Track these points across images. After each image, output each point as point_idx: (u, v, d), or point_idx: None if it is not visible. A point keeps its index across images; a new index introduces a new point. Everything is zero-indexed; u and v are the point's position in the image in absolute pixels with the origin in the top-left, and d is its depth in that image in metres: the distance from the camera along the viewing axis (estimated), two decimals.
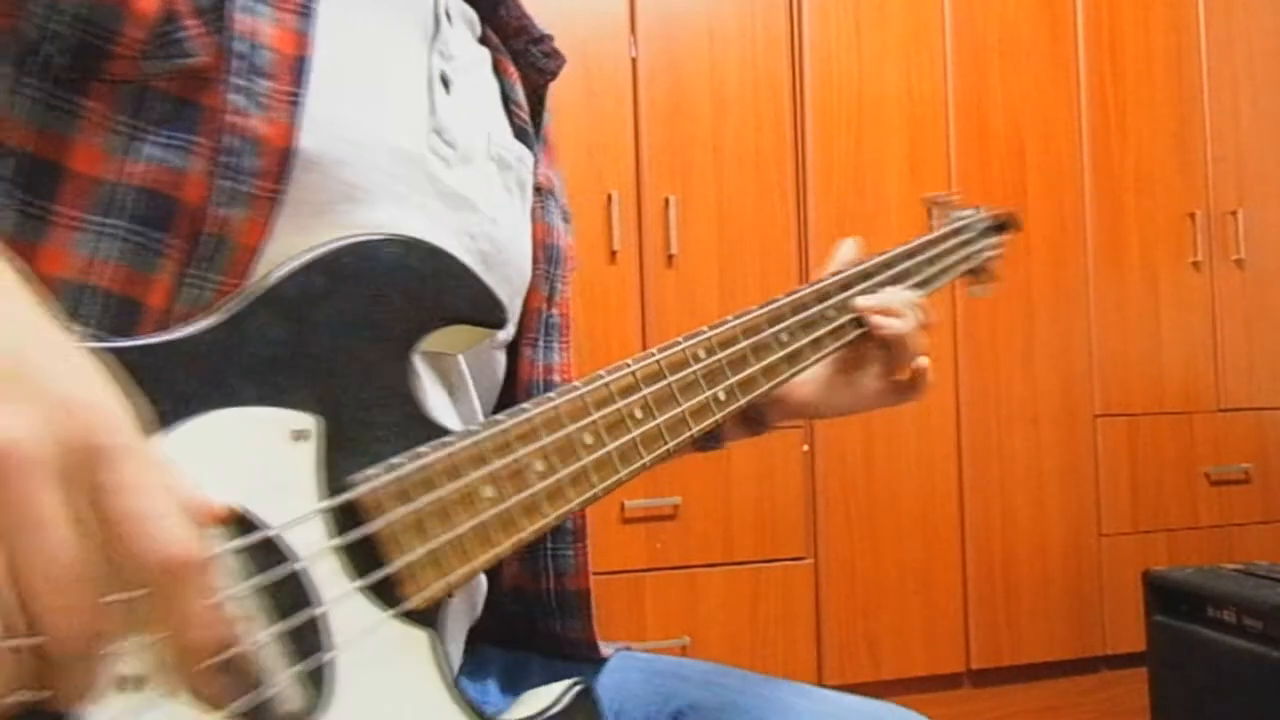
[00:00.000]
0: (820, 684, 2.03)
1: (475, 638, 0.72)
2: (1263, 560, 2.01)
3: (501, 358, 0.68)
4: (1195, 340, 2.46)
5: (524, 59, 0.74)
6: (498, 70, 0.72)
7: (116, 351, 0.40)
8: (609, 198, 2.00)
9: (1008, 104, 2.32)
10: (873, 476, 2.16)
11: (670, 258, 2.04)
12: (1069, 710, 2.29)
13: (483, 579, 0.67)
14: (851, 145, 2.19)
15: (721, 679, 0.69)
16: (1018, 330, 2.30)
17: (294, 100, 0.50)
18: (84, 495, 0.32)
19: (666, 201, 2.04)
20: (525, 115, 0.73)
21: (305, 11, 0.52)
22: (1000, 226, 1.00)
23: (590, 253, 2.00)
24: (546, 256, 0.71)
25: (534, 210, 0.72)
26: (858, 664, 2.11)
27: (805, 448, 2.11)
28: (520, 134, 0.71)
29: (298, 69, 0.50)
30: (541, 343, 0.70)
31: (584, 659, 0.71)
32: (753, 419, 0.79)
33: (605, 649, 0.72)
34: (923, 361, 0.75)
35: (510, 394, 0.68)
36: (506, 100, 0.72)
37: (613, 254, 2.00)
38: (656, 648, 1.49)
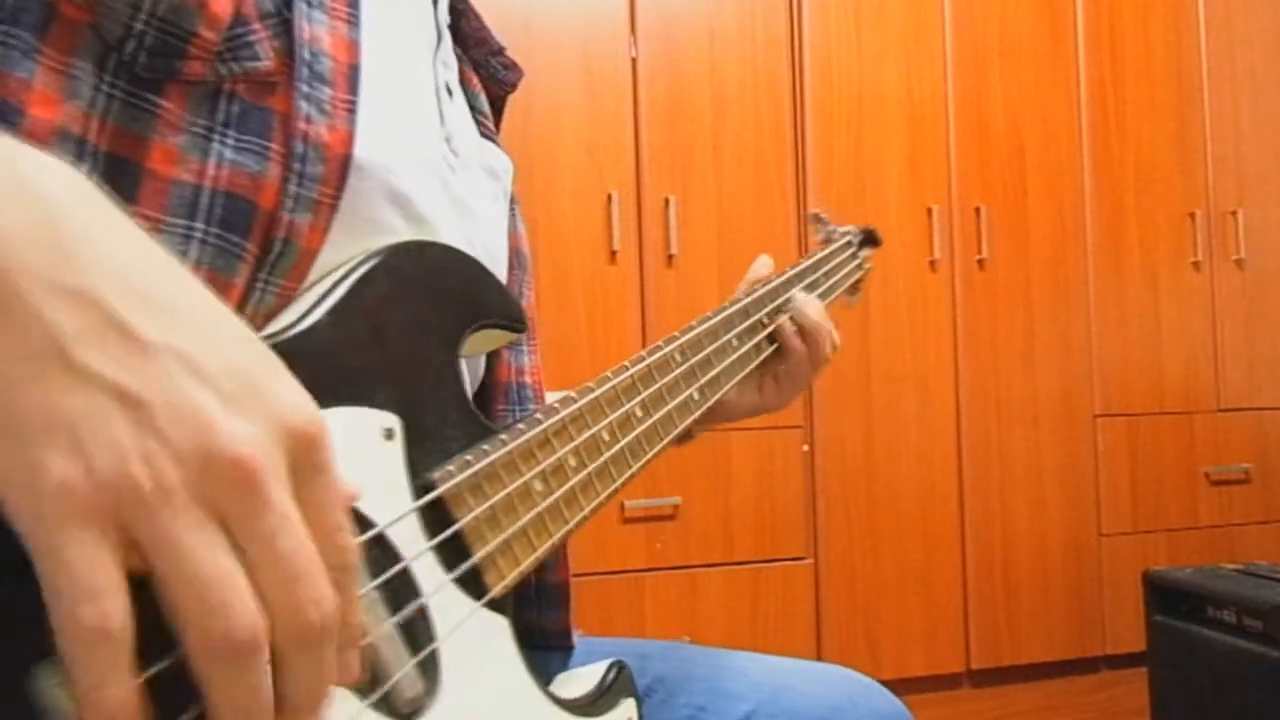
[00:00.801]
0: None
1: None
2: (1263, 560, 2.01)
3: (482, 362, 0.70)
4: (1195, 340, 2.46)
5: (485, 70, 0.76)
6: (462, 81, 0.74)
7: None
8: (609, 198, 2.00)
9: (1008, 104, 2.32)
10: (873, 476, 2.16)
11: (670, 258, 2.04)
12: (1069, 710, 2.29)
13: None
14: (851, 145, 2.19)
15: (678, 653, 0.74)
16: (1018, 330, 2.30)
17: (351, 108, 0.51)
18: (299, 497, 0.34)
19: (666, 201, 2.04)
20: (491, 125, 0.75)
21: (354, 20, 0.53)
22: (864, 243, 1.09)
23: (590, 253, 2.00)
24: (518, 263, 0.73)
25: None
26: (858, 664, 2.10)
27: (805, 448, 2.11)
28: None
29: (352, 77, 0.52)
30: (513, 346, 0.72)
31: (556, 647, 0.73)
32: (681, 436, 0.90)
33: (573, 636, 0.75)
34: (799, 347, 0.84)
35: (486, 396, 0.70)
36: (472, 109, 0.74)
37: (613, 254, 2.00)
38: None
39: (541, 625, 0.72)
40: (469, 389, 0.65)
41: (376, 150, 0.53)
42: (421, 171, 0.57)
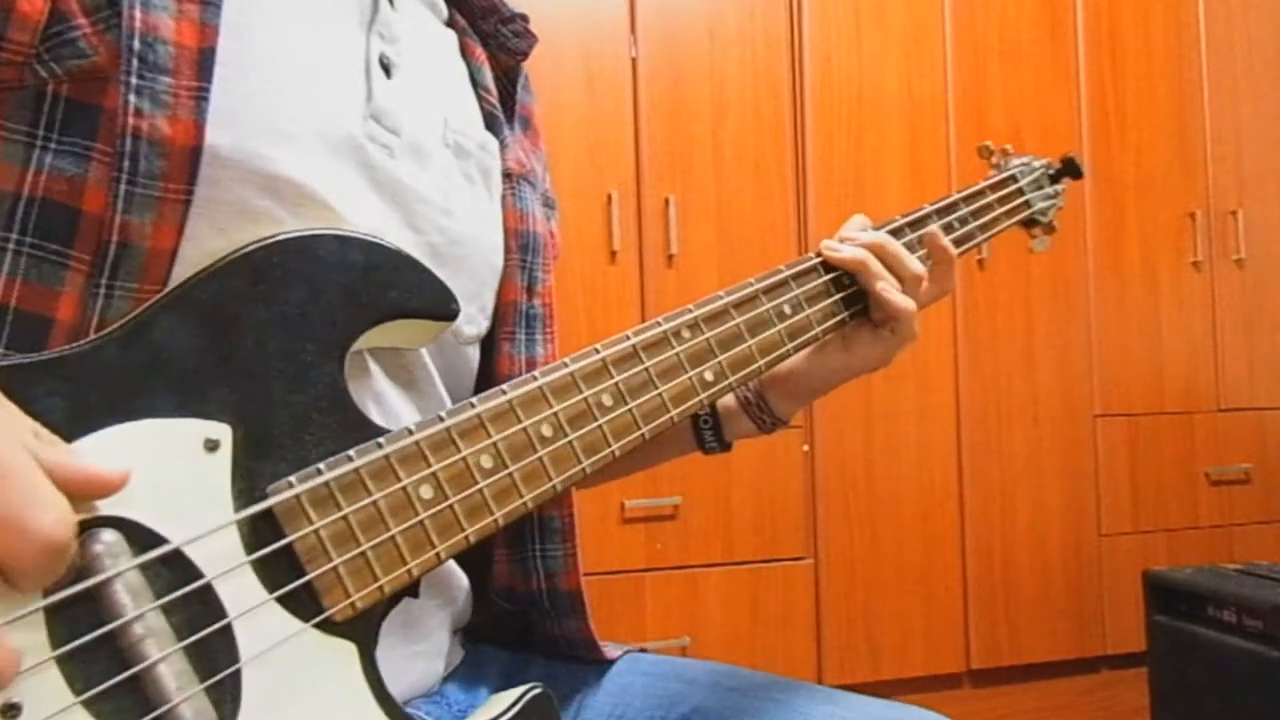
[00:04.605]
0: (820, 684, 2.03)
1: (476, 637, 0.71)
2: (1263, 560, 2.01)
3: (473, 353, 0.66)
4: (1195, 340, 2.46)
5: (494, 40, 0.72)
6: (465, 54, 0.70)
7: (9, 369, 0.40)
8: (609, 198, 2.00)
9: (1008, 104, 2.32)
10: (873, 476, 2.16)
11: (670, 258, 2.04)
12: (1069, 710, 2.29)
13: (458, 576, 0.66)
14: (851, 145, 2.19)
15: (730, 681, 0.66)
16: (1018, 330, 2.30)
17: (199, 95, 0.47)
18: None
19: (666, 201, 2.04)
20: (494, 99, 0.70)
21: (209, 0, 0.49)
22: (1056, 176, 0.93)
23: (590, 253, 2.00)
24: (521, 245, 0.67)
25: (505, 197, 0.68)
26: (858, 664, 2.11)
27: (805, 448, 2.11)
28: (489, 118, 0.69)
29: (202, 62, 0.48)
30: (522, 336, 0.67)
31: (587, 660, 0.69)
32: (757, 410, 0.76)
33: (612, 650, 0.70)
34: (893, 297, 0.70)
35: (485, 390, 0.67)
36: (474, 84, 0.70)
37: (613, 254, 2.00)
38: (656, 648, 1.49)
39: (564, 635, 0.69)
40: (438, 386, 0.61)
41: (248, 137, 0.49)
42: (325, 155, 0.53)
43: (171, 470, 0.43)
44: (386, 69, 0.59)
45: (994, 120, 2.31)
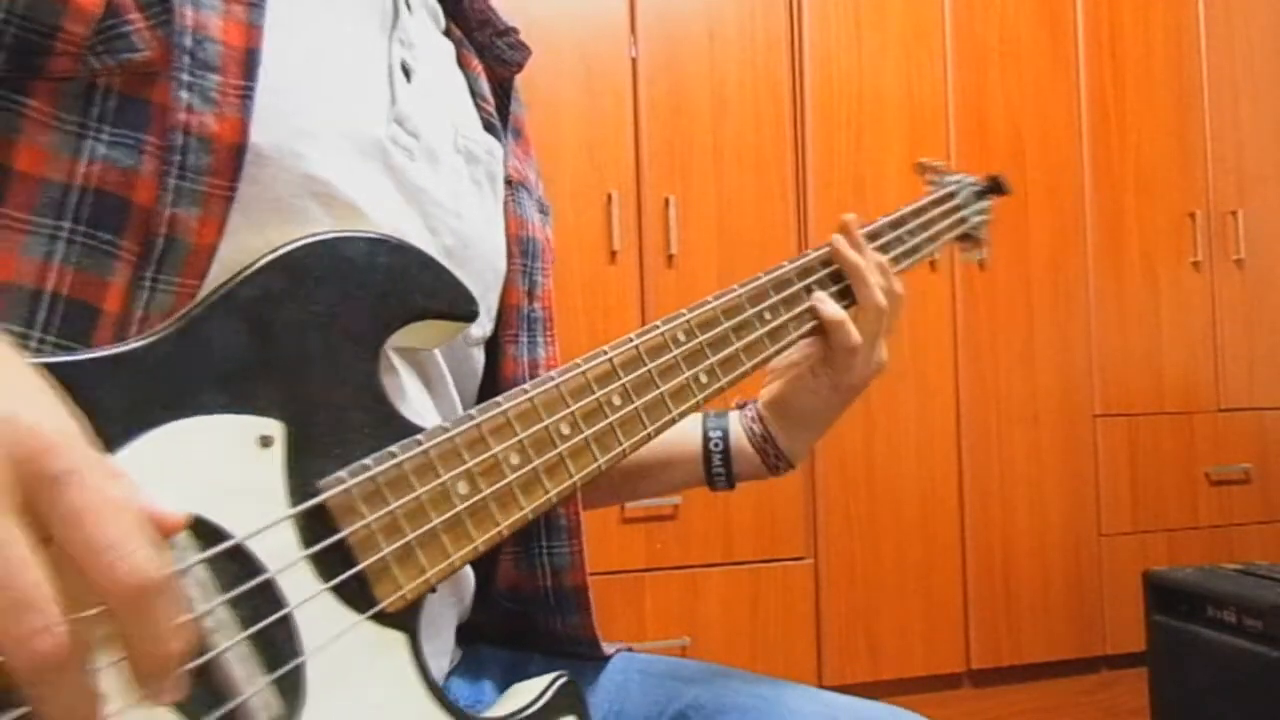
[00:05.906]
0: (820, 684, 2.03)
1: (473, 636, 0.72)
2: (1263, 560, 2.01)
3: (479, 355, 0.67)
4: (1195, 340, 2.46)
5: (489, 52, 0.74)
6: (461, 64, 0.72)
7: (72, 365, 0.40)
8: (609, 197, 2.00)
9: (1008, 104, 2.32)
10: (873, 476, 2.16)
11: (670, 258, 2.04)
12: (1069, 710, 2.29)
13: (469, 575, 0.67)
14: (851, 145, 2.19)
15: (724, 679, 0.67)
16: (1018, 330, 2.30)
17: (245, 94, 0.49)
18: (46, 517, 0.32)
19: (666, 201, 2.04)
20: (491, 108, 0.72)
21: (255, 1, 0.51)
22: (987, 191, 0.99)
23: (590, 253, 2.00)
24: (521, 250, 0.69)
25: (505, 203, 0.70)
26: (858, 664, 2.11)
27: None
28: (487, 127, 0.71)
29: (247, 62, 0.49)
30: (524, 339, 0.69)
31: (585, 657, 0.70)
32: (762, 440, 0.80)
33: (606, 648, 0.71)
34: (854, 338, 0.73)
35: (493, 392, 0.67)
36: (472, 94, 0.71)
37: (613, 254, 2.00)
38: (656, 648, 1.50)
39: (566, 632, 0.70)
40: (450, 386, 0.63)
41: (285, 137, 0.51)
42: (353, 157, 0.55)
43: (229, 465, 0.44)
44: (407, 74, 0.61)
45: (994, 120, 2.31)
